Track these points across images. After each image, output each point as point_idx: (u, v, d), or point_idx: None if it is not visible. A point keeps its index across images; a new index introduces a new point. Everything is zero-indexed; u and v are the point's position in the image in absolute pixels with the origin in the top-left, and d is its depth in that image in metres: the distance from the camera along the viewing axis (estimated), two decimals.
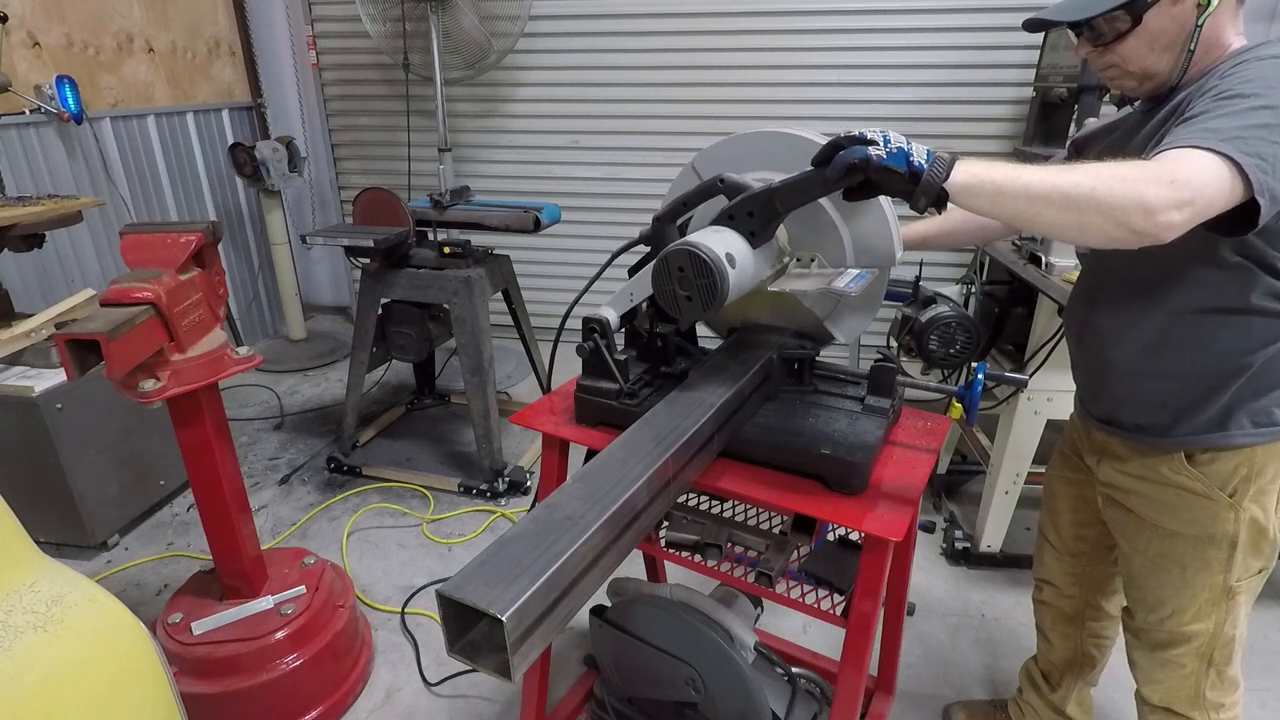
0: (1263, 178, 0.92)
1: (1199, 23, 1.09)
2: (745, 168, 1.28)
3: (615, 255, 1.46)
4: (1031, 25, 1.23)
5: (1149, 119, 1.21)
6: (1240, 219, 0.97)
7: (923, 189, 0.96)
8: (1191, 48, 1.10)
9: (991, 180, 0.96)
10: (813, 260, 1.30)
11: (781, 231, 1.28)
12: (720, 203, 1.22)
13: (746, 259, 1.16)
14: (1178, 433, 1.24)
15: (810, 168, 1.07)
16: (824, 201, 1.23)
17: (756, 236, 1.18)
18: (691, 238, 1.12)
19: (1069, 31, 1.22)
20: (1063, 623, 1.69)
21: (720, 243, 1.12)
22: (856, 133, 0.99)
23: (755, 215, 1.17)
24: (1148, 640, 1.41)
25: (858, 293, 1.22)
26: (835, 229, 1.27)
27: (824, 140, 1.24)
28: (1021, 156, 3.22)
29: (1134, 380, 1.27)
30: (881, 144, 0.97)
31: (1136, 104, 1.31)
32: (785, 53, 3.75)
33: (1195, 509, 1.25)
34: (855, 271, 1.24)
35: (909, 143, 0.98)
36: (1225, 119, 0.97)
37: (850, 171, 0.99)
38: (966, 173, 0.96)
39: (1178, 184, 0.90)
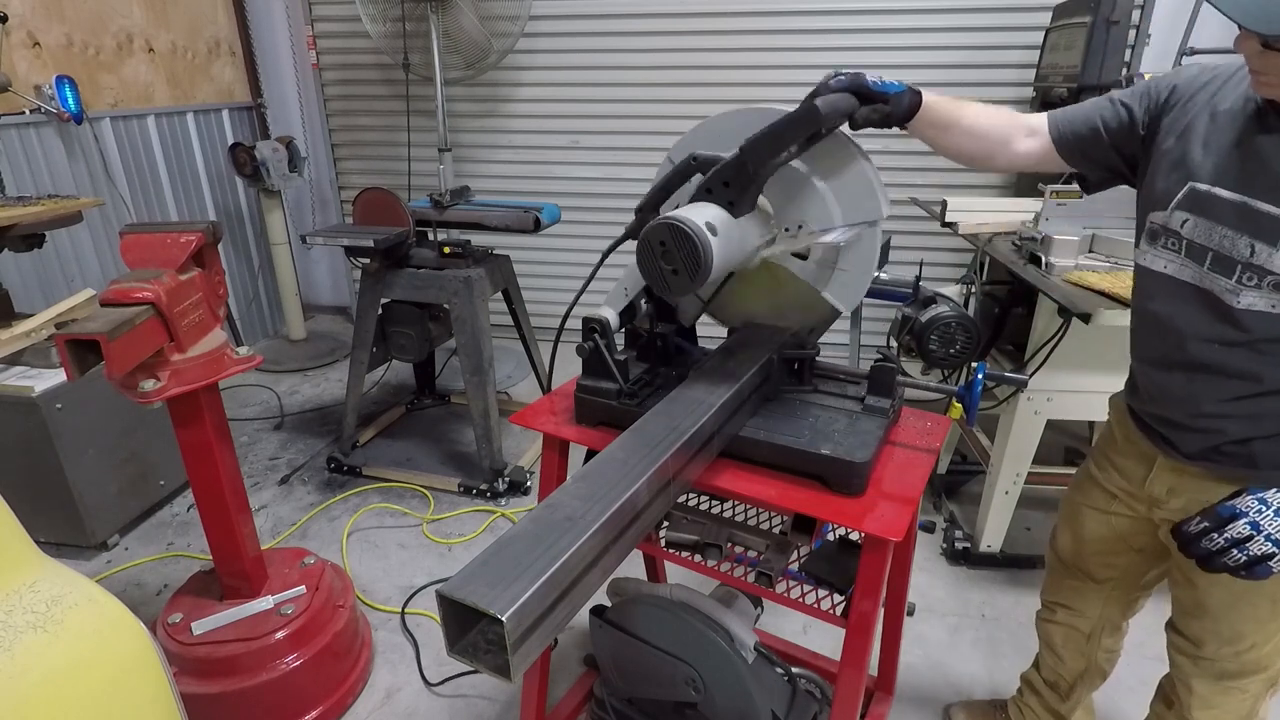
0: None
1: None
2: (723, 148, 1.28)
3: (606, 254, 1.44)
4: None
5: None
6: None
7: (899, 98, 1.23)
8: None
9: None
10: (800, 227, 1.30)
11: (769, 205, 1.29)
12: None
13: (729, 227, 1.16)
14: None
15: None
16: (798, 164, 1.26)
17: (736, 205, 1.19)
18: (668, 212, 1.13)
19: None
20: (1077, 641, 1.63)
21: (699, 213, 1.13)
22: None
23: (731, 184, 1.18)
24: (1214, 670, 1.34)
25: (845, 240, 1.22)
26: (815, 190, 1.28)
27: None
28: None
29: (1251, 425, 1.16)
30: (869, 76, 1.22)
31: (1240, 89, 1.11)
32: (785, 53, 3.76)
33: None
34: (842, 227, 1.25)
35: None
36: None
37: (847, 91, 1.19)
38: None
39: None
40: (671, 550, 1.48)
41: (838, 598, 1.36)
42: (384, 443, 3.29)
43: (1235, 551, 1.06)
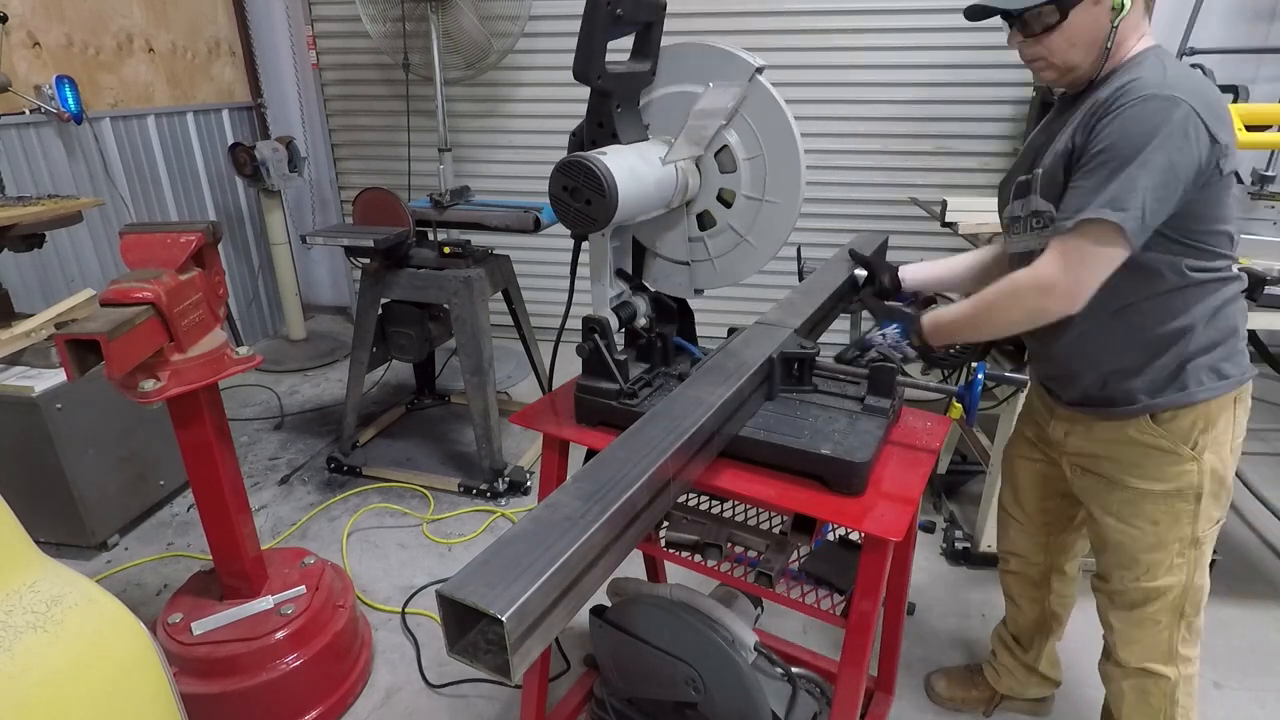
0: (1135, 226, 1.14)
1: (1114, 24, 1.22)
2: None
3: (576, 254, 1.45)
4: (971, 13, 1.35)
5: (1069, 111, 1.35)
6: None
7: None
8: (1108, 46, 1.24)
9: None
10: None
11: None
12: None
13: (623, 151, 1.22)
14: (1143, 399, 1.34)
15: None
16: (666, 88, 1.36)
17: (620, 133, 1.26)
18: None
19: (1005, 23, 1.34)
20: (1030, 588, 1.82)
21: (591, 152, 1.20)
22: None
23: (602, 120, 1.25)
24: (1123, 601, 1.50)
25: (724, 93, 1.27)
26: (688, 93, 1.34)
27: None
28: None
29: (1095, 368, 1.38)
30: None
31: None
32: (785, 53, 3.76)
33: (1163, 465, 1.36)
34: (712, 89, 1.29)
35: None
36: (1106, 188, 1.15)
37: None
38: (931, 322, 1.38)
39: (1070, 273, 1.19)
40: (671, 550, 1.48)
41: (838, 598, 1.36)
42: (384, 443, 3.29)
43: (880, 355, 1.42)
